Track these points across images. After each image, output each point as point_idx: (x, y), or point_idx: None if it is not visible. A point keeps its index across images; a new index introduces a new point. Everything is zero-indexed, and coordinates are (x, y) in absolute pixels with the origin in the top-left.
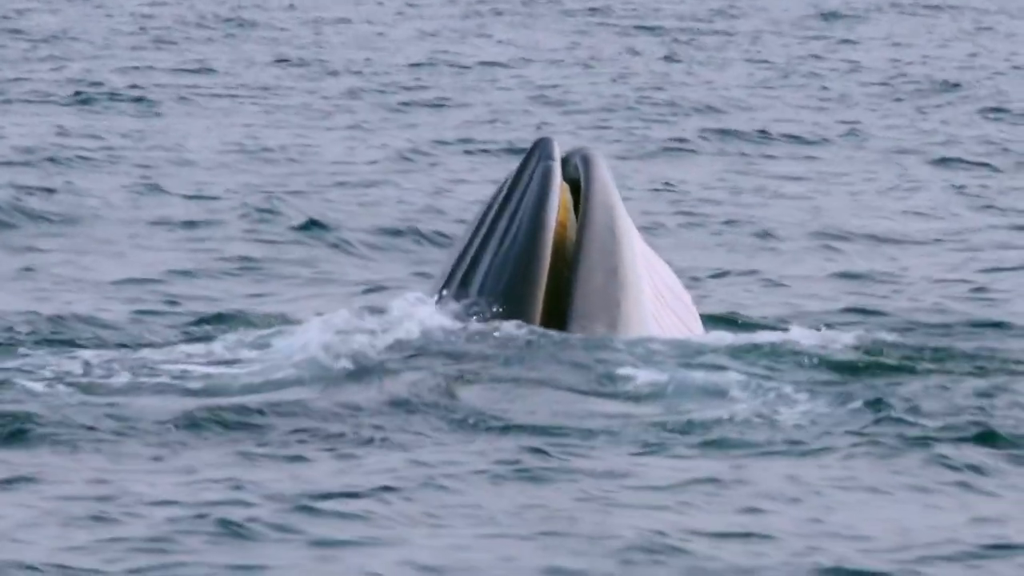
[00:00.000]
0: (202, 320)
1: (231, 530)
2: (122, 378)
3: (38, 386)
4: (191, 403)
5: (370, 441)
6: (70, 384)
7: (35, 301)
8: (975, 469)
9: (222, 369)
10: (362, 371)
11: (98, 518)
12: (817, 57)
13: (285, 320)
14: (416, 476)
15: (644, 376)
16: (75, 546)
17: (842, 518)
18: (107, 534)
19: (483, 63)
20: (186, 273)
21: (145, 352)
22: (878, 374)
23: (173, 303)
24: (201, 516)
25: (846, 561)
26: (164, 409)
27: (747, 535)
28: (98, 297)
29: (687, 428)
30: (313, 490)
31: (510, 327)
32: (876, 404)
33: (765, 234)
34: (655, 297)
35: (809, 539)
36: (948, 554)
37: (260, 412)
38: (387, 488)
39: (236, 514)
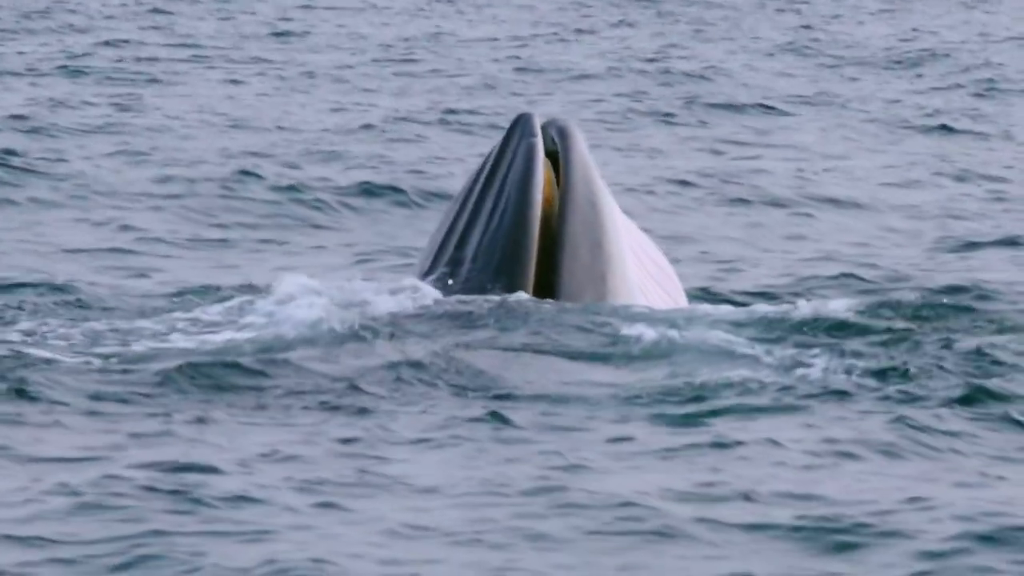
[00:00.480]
0: (184, 290)
1: (199, 496)
2: (101, 346)
3: (18, 352)
4: (169, 369)
5: (354, 410)
6: (49, 351)
7: (15, 269)
8: (960, 432)
9: (203, 336)
10: (347, 341)
11: (70, 487)
12: (808, 28)
13: (269, 289)
14: (394, 442)
15: (630, 345)
16: (44, 513)
17: (828, 481)
18: (76, 501)
19: (476, 34)
20: (171, 242)
21: (124, 320)
22: (863, 340)
23: (155, 271)
24: (169, 482)
25: (829, 522)
26: (140, 376)
27: (730, 498)
28: (80, 266)
29: (671, 394)
30: (290, 456)
31: (497, 300)
32: (861, 370)
33: (751, 204)
34: (639, 269)
35: (794, 502)
36: (934, 517)
37: (239, 379)
38: (366, 455)
39: (207, 481)
